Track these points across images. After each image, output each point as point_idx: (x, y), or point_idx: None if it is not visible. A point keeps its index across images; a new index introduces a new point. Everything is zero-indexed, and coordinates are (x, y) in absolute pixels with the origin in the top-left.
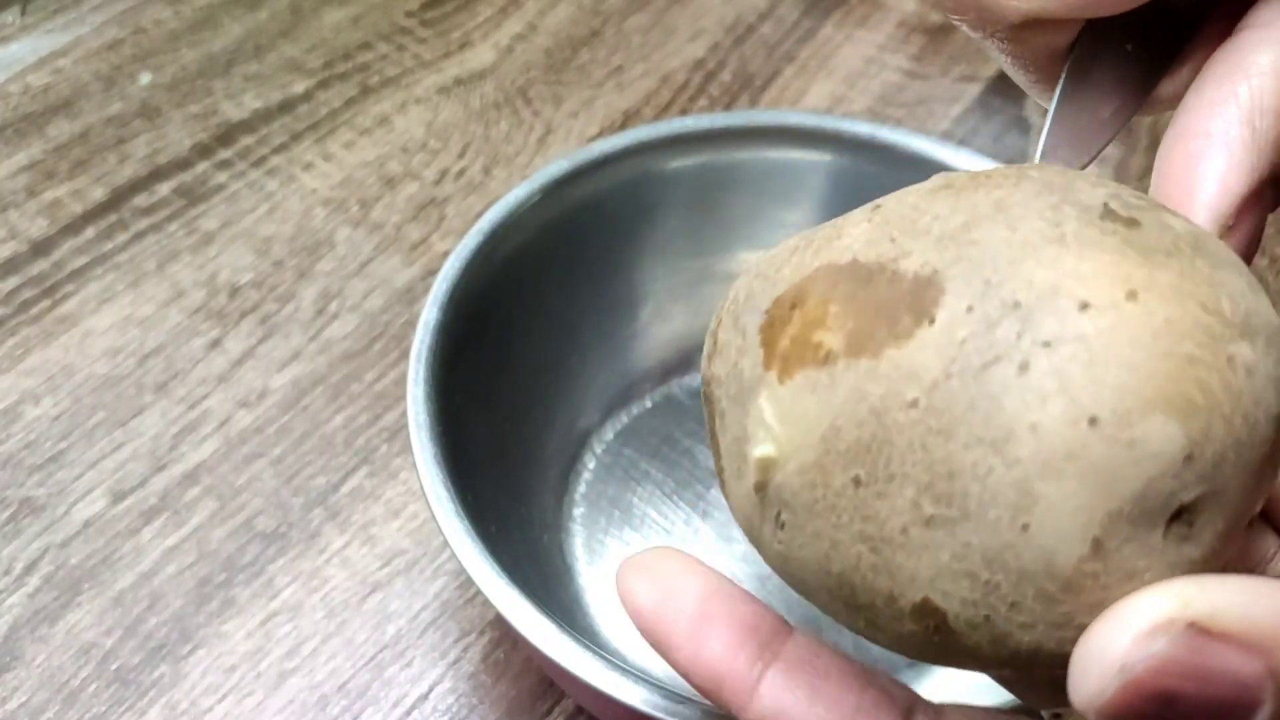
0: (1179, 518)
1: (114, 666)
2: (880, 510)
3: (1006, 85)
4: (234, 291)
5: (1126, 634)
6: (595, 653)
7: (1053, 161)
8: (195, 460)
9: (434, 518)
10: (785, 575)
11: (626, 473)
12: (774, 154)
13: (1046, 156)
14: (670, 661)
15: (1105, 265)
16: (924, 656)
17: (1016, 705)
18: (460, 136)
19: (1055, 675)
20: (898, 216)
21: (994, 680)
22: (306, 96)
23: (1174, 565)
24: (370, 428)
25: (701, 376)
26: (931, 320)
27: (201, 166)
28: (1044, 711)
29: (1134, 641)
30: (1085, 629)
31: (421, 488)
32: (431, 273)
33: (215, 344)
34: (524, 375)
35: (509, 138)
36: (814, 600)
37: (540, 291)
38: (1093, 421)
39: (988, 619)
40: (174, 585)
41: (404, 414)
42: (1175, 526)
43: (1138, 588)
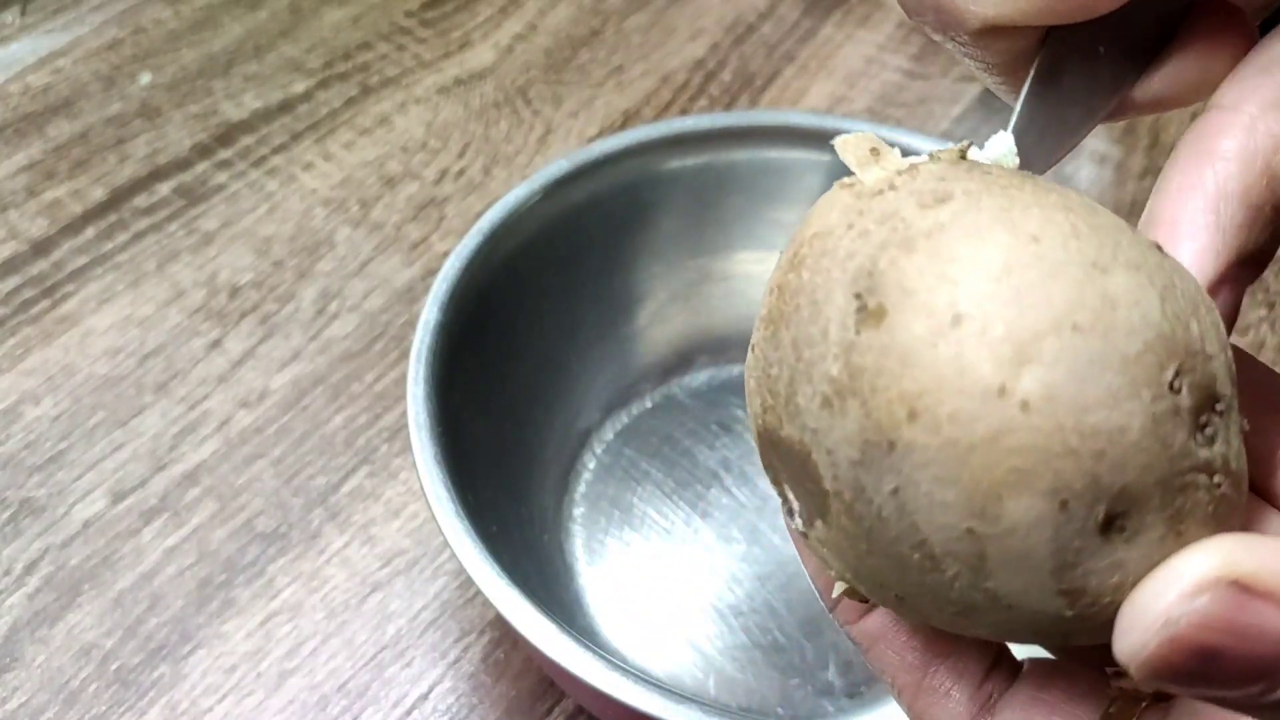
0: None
1: (114, 667)
2: None
3: None
4: (234, 291)
5: (1172, 590)
6: (595, 653)
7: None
8: (195, 460)
9: (434, 518)
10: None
11: (626, 473)
12: (774, 154)
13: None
14: None
15: None
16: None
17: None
18: (460, 136)
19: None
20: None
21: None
22: (306, 96)
23: None
24: (370, 428)
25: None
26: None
27: (201, 166)
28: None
29: (1179, 597)
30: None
31: (421, 488)
32: (431, 273)
33: (215, 344)
34: (524, 375)
35: (509, 138)
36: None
37: (540, 291)
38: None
39: None
40: (174, 586)
41: (404, 414)
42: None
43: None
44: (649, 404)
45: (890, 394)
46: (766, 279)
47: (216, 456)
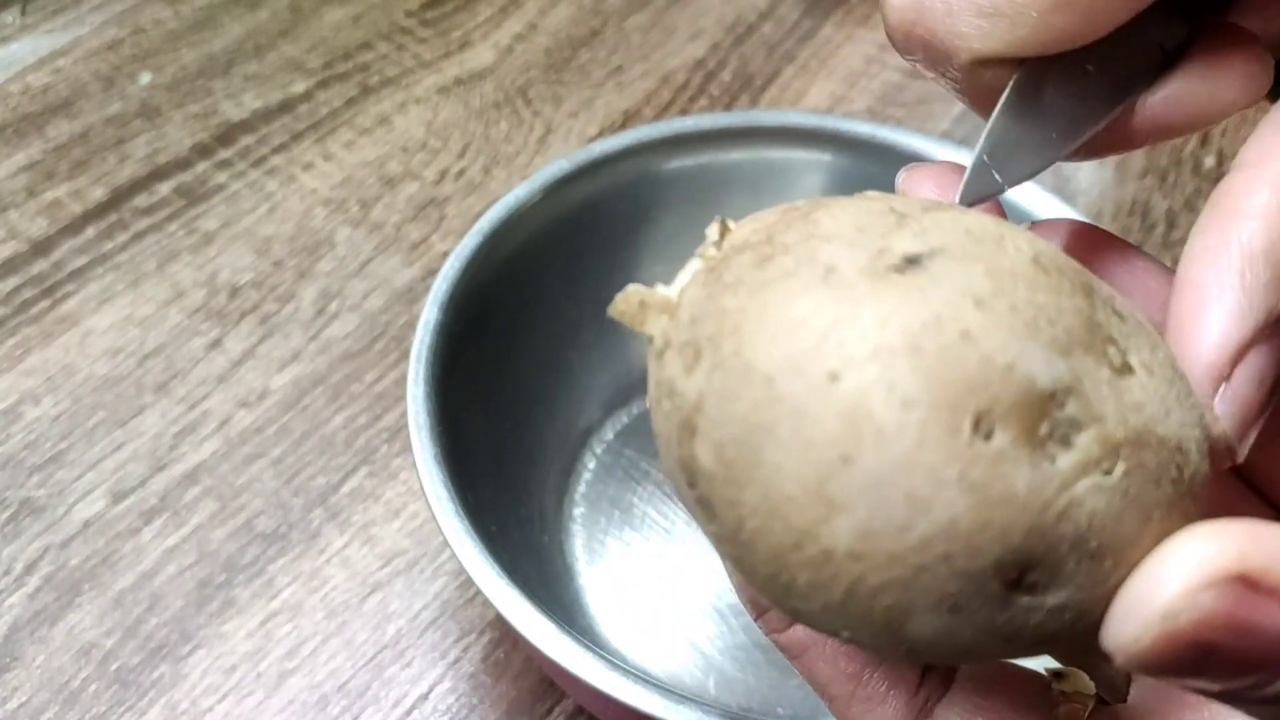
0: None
1: (114, 667)
2: None
3: None
4: (234, 291)
5: (1173, 582)
6: (595, 653)
7: (981, 178)
8: (195, 460)
9: (434, 518)
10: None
11: (626, 473)
12: (774, 154)
13: (976, 173)
14: None
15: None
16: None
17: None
18: (460, 136)
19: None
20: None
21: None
22: (306, 96)
23: None
24: (370, 428)
25: None
26: None
27: (201, 166)
28: (1045, 669)
29: (1183, 591)
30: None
31: (421, 488)
32: (431, 273)
33: (215, 344)
34: (524, 375)
35: (509, 138)
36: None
37: (540, 291)
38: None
39: None
40: (174, 585)
41: (404, 414)
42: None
43: None
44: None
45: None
46: None
47: (216, 456)
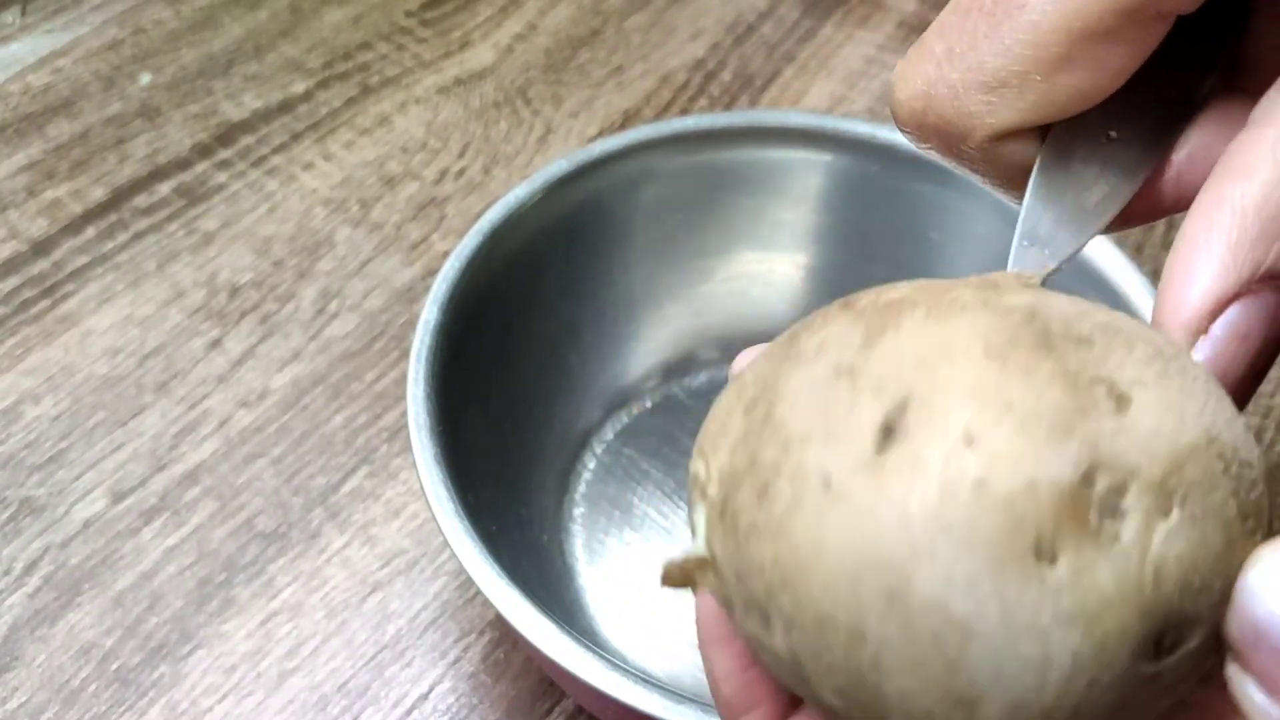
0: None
1: (114, 666)
2: None
3: None
4: (234, 291)
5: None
6: (595, 653)
7: (1029, 256)
8: (195, 460)
9: (434, 518)
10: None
11: (626, 473)
12: (774, 154)
13: (1021, 252)
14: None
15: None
16: None
17: None
18: (460, 136)
19: None
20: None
21: None
22: (306, 96)
23: None
24: (370, 428)
25: None
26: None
27: (201, 166)
28: None
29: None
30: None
31: (421, 488)
32: (431, 273)
33: (215, 344)
34: (524, 375)
35: (509, 138)
36: None
37: (540, 291)
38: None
39: None
40: (174, 585)
41: (404, 414)
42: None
43: None
44: (649, 404)
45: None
46: (767, 278)
47: (216, 456)
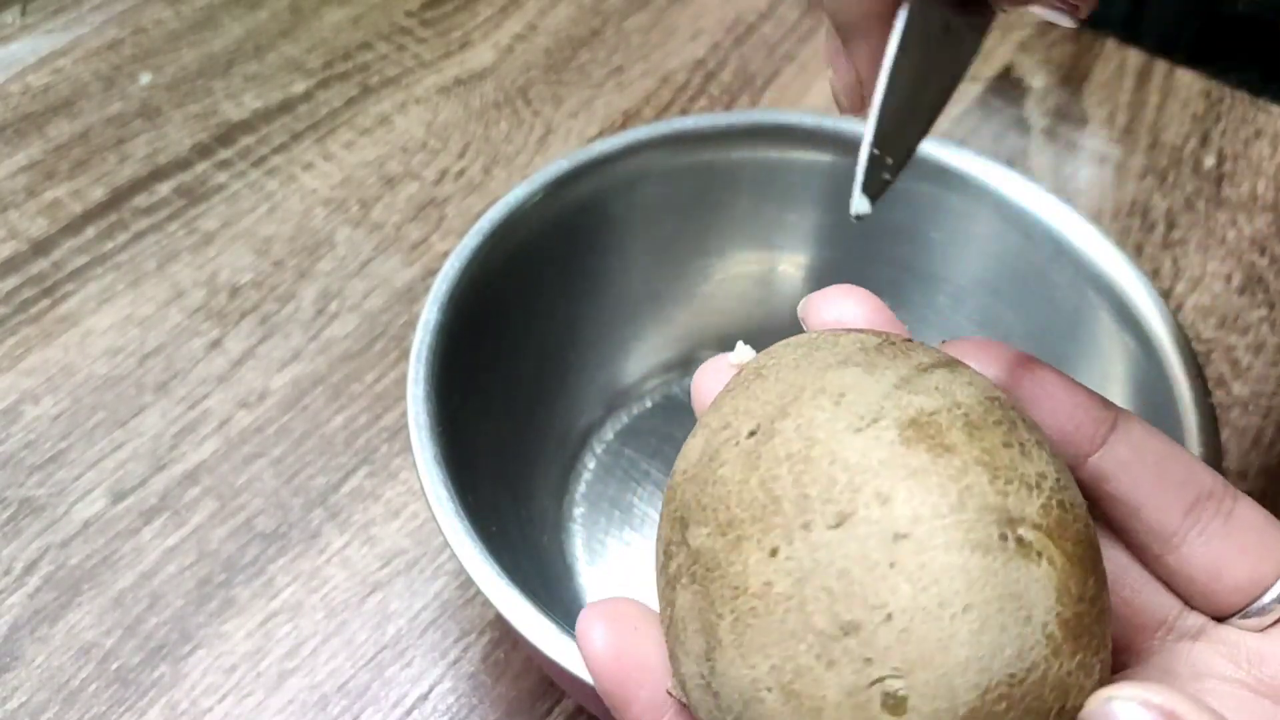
0: None
1: (114, 666)
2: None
3: (1006, 86)
4: (234, 291)
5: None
6: None
7: (877, 168)
8: (195, 460)
9: (434, 518)
10: None
11: (626, 473)
12: (774, 154)
13: (871, 168)
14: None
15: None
16: None
17: None
18: (460, 136)
19: None
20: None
21: None
22: (306, 96)
23: None
24: (370, 428)
25: None
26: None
27: (201, 166)
28: None
29: None
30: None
31: (421, 488)
32: (431, 273)
33: (215, 344)
34: (524, 375)
35: (509, 138)
36: None
37: (540, 291)
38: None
39: None
40: (174, 585)
41: (404, 414)
42: None
43: None
44: (649, 404)
45: None
46: (767, 279)
47: (216, 456)
